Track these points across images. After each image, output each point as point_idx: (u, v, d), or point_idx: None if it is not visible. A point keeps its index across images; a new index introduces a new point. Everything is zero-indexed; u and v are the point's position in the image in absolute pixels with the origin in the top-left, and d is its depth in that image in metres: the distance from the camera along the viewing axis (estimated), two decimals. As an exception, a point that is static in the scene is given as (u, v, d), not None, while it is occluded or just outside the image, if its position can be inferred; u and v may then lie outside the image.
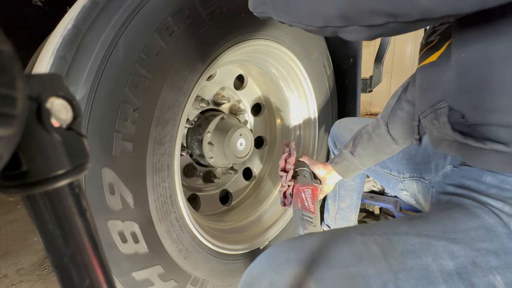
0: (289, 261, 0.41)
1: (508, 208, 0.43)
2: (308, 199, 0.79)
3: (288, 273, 0.39)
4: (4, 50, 0.15)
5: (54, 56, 0.51)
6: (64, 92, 0.20)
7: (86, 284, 0.21)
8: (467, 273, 0.39)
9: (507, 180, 0.45)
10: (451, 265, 0.40)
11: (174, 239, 0.69)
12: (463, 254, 0.40)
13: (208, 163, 0.99)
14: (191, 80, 0.67)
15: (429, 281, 0.39)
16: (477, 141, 0.41)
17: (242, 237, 0.99)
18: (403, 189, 0.77)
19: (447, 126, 0.44)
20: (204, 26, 0.67)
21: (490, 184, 0.47)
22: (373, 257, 0.40)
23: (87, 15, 0.53)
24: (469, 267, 0.39)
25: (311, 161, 0.92)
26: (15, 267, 1.14)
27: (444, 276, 0.39)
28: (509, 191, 0.44)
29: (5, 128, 0.15)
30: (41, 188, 0.19)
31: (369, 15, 0.33)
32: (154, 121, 0.61)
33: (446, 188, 0.56)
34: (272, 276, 0.40)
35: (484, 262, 0.40)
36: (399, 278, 0.38)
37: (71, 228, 0.21)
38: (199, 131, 0.96)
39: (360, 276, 0.38)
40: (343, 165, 0.82)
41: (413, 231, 0.44)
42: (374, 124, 0.76)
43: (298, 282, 0.38)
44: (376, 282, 0.38)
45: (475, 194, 0.48)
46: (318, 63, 1.09)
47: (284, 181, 0.84)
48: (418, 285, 0.38)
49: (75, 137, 0.21)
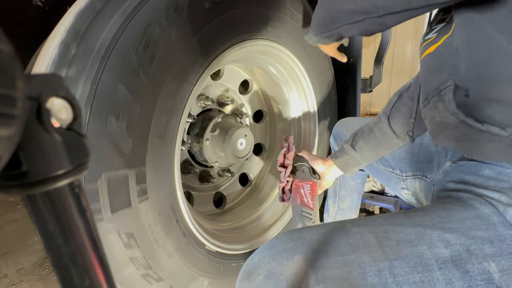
0: (288, 251, 0.42)
1: (505, 198, 0.44)
2: (307, 195, 0.79)
3: (287, 262, 0.41)
4: (4, 50, 0.15)
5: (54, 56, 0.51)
6: (64, 92, 0.20)
7: (86, 284, 0.21)
8: (461, 260, 0.40)
9: (504, 171, 0.46)
10: (446, 253, 0.40)
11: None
12: (458, 242, 0.41)
13: (206, 160, 0.99)
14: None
15: (424, 268, 0.39)
16: (476, 121, 0.43)
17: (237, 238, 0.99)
18: (404, 188, 0.77)
19: (451, 103, 0.46)
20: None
21: (488, 176, 0.48)
22: (369, 246, 0.41)
23: (87, 14, 0.53)
24: (463, 255, 0.40)
25: (310, 156, 0.92)
26: (15, 267, 1.13)
27: (439, 264, 0.39)
28: (506, 182, 0.45)
29: (5, 128, 0.15)
30: (41, 188, 0.19)
31: (349, 15, 0.47)
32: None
33: (447, 185, 0.57)
34: (271, 264, 0.41)
35: (478, 249, 0.40)
36: (394, 266, 0.39)
37: (71, 228, 0.21)
38: (201, 128, 0.96)
39: (355, 264, 0.39)
40: (344, 159, 0.82)
41: (408, 221, 0.45)
42: (375, 119, 0.77)
43: (296, 270, 0.39)
44: (371, 269, 0.39)
45: (473, 188, 0.49)
46: (318, 63, 1.09)
47: (283, 176, 0.84)
48: (413, 272, 0.39)
49: (75, 137, 0.21)
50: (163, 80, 0.61)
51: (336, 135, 1.03)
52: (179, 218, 0.70)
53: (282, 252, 0.42)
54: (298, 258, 0.41)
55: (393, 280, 0.38)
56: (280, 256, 0.42)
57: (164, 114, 0.63)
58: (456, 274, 0.39)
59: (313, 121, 1.15)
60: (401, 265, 0.39)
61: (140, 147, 0.59)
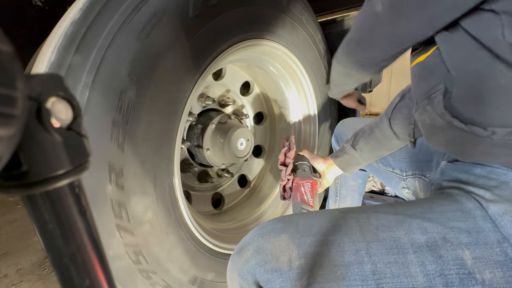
0: (276, 230, 0.46)
1: (489, 195, 0.46)
2: (307, 193, 0.79)
3: (273, 239, 0.44)
4: (4, 50, 0.15)
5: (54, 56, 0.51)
6: (64, 92, 0.20)
7: (86, 284, 0.21)
8: (436, 246, 0.41)
9: (494, 171, 0.47)
10: (422, 239, 0.42)
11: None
12: (435, 231, 0.43)
13: (205, 158, 0.99)
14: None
15: (399, 251, 0.41)
16: (460, 121, 0.46)
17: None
18: (405, 187, 0.78)
19: (440, 104, 0.48)
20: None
21: (479, 175, 0.49)
22: (350, 229, 0.45)
23: (86, 14, 0.53)
24: (439, 242, 0.42)
25: (311, 155, 0.92)
26: (15, 267, 1.13)
27: (414, 248, 0.42)
28: (494, 180, 0.47)
29: (5, 128, 0.15)
30: (41, 188, 0.19)
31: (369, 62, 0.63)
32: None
33: (442, 184, 0.58)
34: (259, 241, 0.45)
35: (454, 238, 0.42)
36: (370, 247, 0.42)
37: (71, 228, 0.21)
38: (201, 127, 0.96)
39: (335, 243, 0.43)
40: (344, 158, 0.82)
41: (391, 210, 0.48)
42: (377, 120, 0.78)
43: (281, 246, 0.43)
44: (349, 249, 0.42)
45: (464, 185, 0.50)
46: (318, 63, 1.09)
47: (283, 175, 0.84)
48: (388, 253, 0.41)
49: (75, 137, 0.21)
50: (164, 78, 0.61)
51: (337, 135, 1.03)
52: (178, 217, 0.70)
53: (271, 231, 0.46)
54: (284, 237, 0.44)
55: (368, 259, 0.41)
56: (268, 234, 0.46)
57: (164, 112, 0.63)
58: (430, 258, 0.41)
59: (313, 123, 1.15)
60: (377, 247, 0.42)
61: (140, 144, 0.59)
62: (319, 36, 1.08)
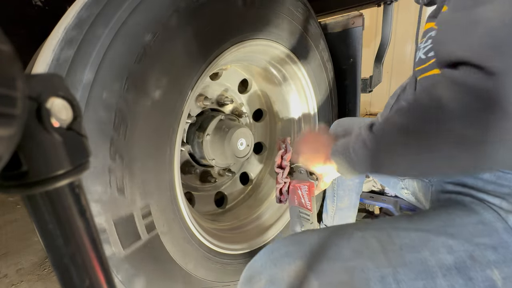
0: (289, 255, 0.42)
1: (505, 204, 0.44)
2: (304, 196, 0.79)
3: (288, 267, 0.40)
4: (4, 50, 0.15)
5: (54, 56, 0.51)
6: (64, 92, 0.20)
7: (86, 284, 0.21)
8: (465, 268, 0.39)
9: (504, 176, 0.45)
10: (450, 260, 0.40)
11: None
12: (462, 249, 0.41)
13: (206, 160, 0.99)
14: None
15: (427, 275, 0.39)
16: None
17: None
18: (403, 188, 0.77)
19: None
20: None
21: (487, 180, 0.47)
22: (372, 251, 0.41)
23: (86, 13, 0.53)
24: (467, 262, 0.40)
25: None
26: (15, 267, 1.13)
27: (443, 271, 0.39)
28: (506, 187, 0.45)
29: (5, 128, 0.15)
30: (41, 188, 0.19)
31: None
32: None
33: (445, 187, 0.57)
34: (272, 269, 0.41)
35: (482, 256, 0.40)
36: (397, 272, 0.39)
37: (71, 228, 0.21)
38: (200, 128, 0.96)
39: (359, 270, 0.39)
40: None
41: (411, 226, 0.45)
42: (373, 121, 0.77)
43: (297, 276, 0.38)
44: (374, 275, 0.38)
45: (473, 191, 0.49)
46: (318, 63, 1.09)
47: (280, 178, 0.84)
48: (417, 279, 0.39)
49: (75, 137, 0.21)
50: (162, 82, 0.61)
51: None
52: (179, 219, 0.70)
53: (284, 256, 0.42)
54: (299, 263, 0.40)
55: (396, 286, 0.38)
56: (281, 260, 0.41)
57: (163, 115, 0.63)
58: (460, 281, 0.39)
59: (313, 122, 1.15)
60: (404, 272, 0.39)
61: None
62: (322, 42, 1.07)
